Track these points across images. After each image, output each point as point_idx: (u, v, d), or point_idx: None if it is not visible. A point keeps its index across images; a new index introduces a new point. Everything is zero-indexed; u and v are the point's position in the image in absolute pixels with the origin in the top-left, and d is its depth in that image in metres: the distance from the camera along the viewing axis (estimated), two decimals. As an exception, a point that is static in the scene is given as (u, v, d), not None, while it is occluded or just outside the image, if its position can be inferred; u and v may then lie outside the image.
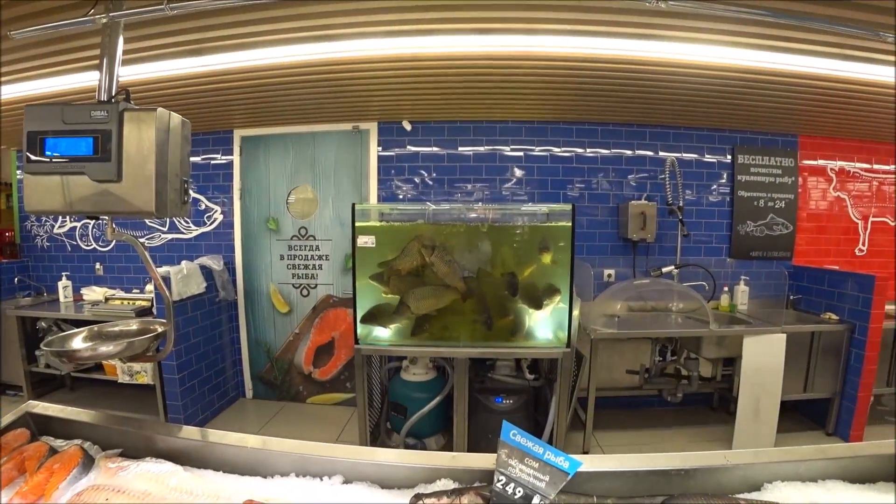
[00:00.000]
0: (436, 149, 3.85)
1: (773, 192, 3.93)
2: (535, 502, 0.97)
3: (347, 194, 3.93)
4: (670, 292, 3.75)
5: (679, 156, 3.83)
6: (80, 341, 1.40)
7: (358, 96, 3.21)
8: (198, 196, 4.10)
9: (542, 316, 2.92)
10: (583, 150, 3.84)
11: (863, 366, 3.21)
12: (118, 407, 3.83)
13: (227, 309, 4.06)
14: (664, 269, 3.70)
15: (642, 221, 3.61)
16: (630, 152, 3.86)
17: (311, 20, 2.08)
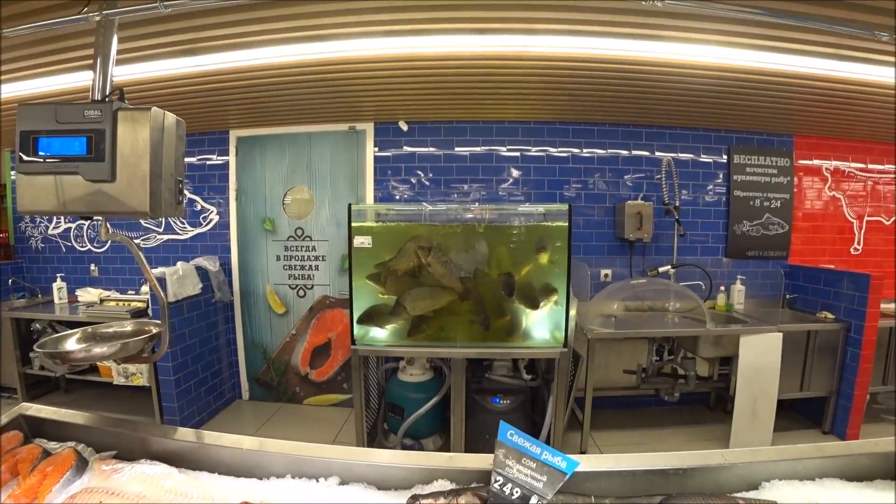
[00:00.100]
0: (432, 149, 3.85)
1: (769, 192, 3.95)
2: (533, 502, 0.97)
3: (344, 195, 3.93)
4: (667, 292, 3.75)
5: (675, 156, 3.85)
6: (73, 342, 1.38)
7: (354, 96, 3.21)
8: (193, 197, 4.09)
9: (538, 316, 2.91)
10: (579, 151, 3.85)
11: (858, 364, 3.23)
12: (114, 409, 3.81)
13: (224, 310, 4.05)
14: (661, 269, 3.71)
15: (639, 221, 3.61)
16: (626, 152, 3.87)
17: (306, 20, 2.08)
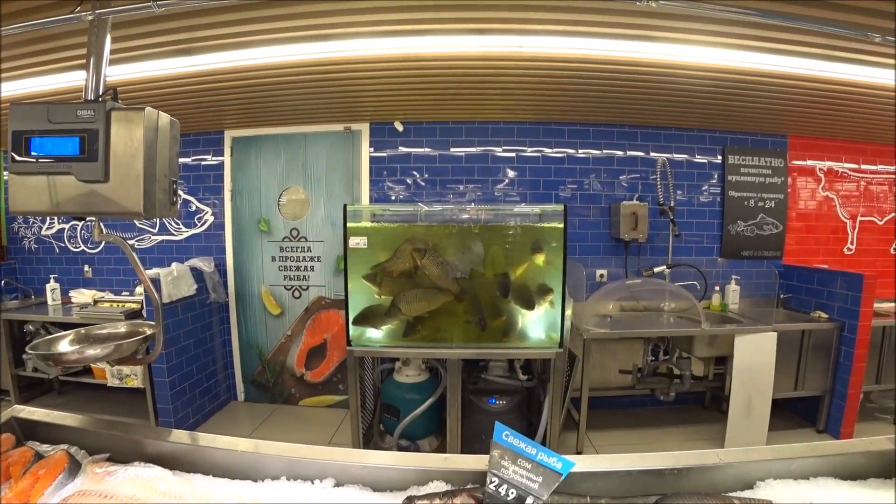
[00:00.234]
0: (428, 149, 3.84)
1: (763, 192, 3.97)
2: (528, 503, 0.97)
3: (339, 195, 3.92)
4: (662, 292, 3.77)
5: (670, 156, 3.86)
6: (66, 344, 1.37)
7: (349, 97, 3.20)
8: (188, 197, 4.07)
9: (534, 316, 2.92)
10: (574, 151, 3.86)
11: (852, 363, 3.25)
12: (108, 411, 3.78)
13: (219, 311, 4.03)
14: (656, 269, 3.73)
15: (634, 222, 3.62)
16: (621, 153, 3.88)
17: (302, 20, 2.07)
